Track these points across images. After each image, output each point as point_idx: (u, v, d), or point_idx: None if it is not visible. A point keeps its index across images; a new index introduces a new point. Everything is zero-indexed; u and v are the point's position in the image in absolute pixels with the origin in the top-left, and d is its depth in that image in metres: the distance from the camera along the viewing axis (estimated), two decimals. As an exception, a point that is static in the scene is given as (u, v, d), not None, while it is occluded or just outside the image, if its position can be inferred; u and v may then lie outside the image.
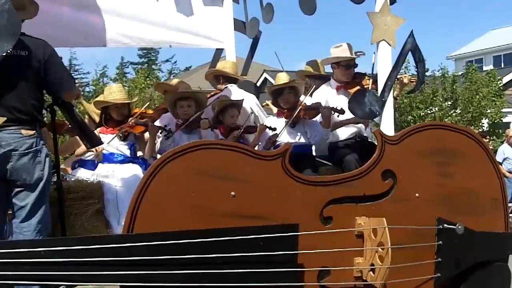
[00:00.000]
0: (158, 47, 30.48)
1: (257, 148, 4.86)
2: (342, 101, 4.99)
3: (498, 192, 3.42)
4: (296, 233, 2.80)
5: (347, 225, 2.97)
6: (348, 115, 4.83)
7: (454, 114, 18.87)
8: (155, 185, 2.60)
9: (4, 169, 3.49)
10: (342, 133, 5.16)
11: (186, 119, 4.88)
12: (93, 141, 4.14)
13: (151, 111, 5.60)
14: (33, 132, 3.57)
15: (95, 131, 4.68)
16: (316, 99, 5.21)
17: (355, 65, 5.28)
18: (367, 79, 5.11)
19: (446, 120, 17.68)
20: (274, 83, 5.35)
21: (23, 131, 3.53)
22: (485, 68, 28.97)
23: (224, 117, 5.00)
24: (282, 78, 5.13)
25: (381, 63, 4.34)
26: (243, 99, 5.18)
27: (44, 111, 3.93)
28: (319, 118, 4.97)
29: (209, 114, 5.15)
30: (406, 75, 5.28)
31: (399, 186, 3.12)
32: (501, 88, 20.60)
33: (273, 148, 4.72)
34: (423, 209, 3.15)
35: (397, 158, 3.15)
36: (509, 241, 3.46)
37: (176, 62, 55.41)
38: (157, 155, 4.82)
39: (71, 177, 4.64)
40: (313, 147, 5.37)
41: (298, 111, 4.88)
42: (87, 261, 2.44)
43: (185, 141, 4.45)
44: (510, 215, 3.56)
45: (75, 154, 5.17)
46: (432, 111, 18.58)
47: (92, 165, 4.91)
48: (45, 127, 3.98)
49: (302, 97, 5.13)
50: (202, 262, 2.58)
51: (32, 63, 3.55)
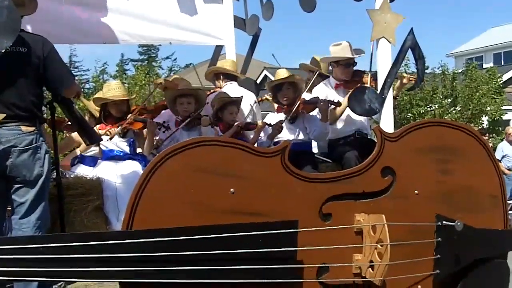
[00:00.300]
0: (158, 44, 30.62)
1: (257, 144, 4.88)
2: (340, 99, 5.03)
3: (497, 189, 3.42)
4: (295, 230, 2.80)
5: (346, 221, 2.96)
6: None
7: (454, 111, 18.88)
8: (155, 182, 2.60)
9: (3, 165, 3.48)
10: (342, 130, 5.17)
11: (185, 116, 4.88)
12: (92, 138, 4.13)
13: (151, 107, 5.59)
14: (32, 128, 3.57)
15: (95, 128, 4.67)
16: (314, 96, 5.22)
17: (354, 64, 5.29)
18: (365, 76, 5.11)
19: (446, 117, 17.69)
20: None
21: (23, 128, 3.52)
22: (485, 65, 28.94)
23: (223, 114, 5.01)
24: (281, 74, 5.14)
25: (381, 60, 4.35)
26: (242, 96, 5.19)
27: (43, 107, 3.93)
28: (318, 113, 4.99)
29: (208, 111, 5.15)
30: (406, 75, 5.28)
31: (398, 183, 3.11)
32: (501, 85, 20.64)
33: (273, 144, 4.73)
34: (423, 206, 3.14)
35: (397, 155, 3.14)
36: (508, 238, 3.46)
37: (176, 59, 55.27)
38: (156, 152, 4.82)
39: (70, 174, 4.65)
40: (313, 144, 5.39)
41: (297, 105, 4.90)
42: (86, 257, 2.44)
43: (185, 138, 4.45)
44: (509, 212, 3.56)
45: (79, 150, 5.17)
46: (432, 109, 18.59)
47: (91, 162, 4.92)
48: (45, 123, 3.98)
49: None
50: (201, 258, 2.58)
51: (31, 60, 3.54)
